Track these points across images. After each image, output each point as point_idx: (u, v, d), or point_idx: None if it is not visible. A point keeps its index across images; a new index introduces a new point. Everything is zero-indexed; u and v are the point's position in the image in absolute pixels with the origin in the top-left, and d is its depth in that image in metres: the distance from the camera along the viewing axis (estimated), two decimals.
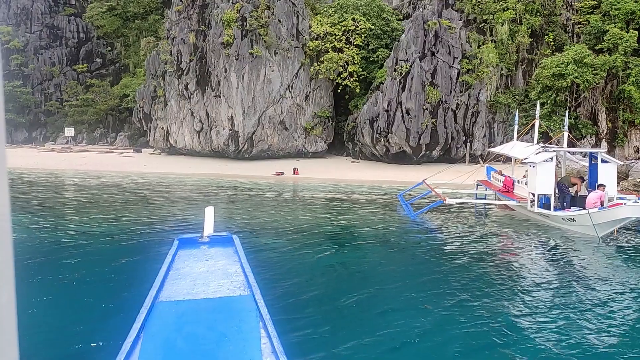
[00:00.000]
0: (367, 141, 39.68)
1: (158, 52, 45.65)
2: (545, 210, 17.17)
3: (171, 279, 5.97)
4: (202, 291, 5.58)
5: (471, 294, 10.74)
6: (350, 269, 12.85)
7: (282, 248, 14.21)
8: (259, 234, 15.68)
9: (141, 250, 13.81)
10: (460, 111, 40.19)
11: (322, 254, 13.99)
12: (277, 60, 41.96)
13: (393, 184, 32.04)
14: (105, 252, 13.65)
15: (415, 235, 16.38)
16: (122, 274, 11.62)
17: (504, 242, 16.27)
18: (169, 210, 21.29)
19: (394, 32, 43.85)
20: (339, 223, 17.96)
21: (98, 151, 50.59)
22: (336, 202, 23.51)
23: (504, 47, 41.91)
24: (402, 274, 12.36)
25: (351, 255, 13.96)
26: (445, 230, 17.35)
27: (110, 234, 15.82)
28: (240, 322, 4.93)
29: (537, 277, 12.23)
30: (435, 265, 12.91)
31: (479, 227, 18.41)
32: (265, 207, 22.02)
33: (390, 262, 13.56)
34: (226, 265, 6.45)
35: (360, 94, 43.01)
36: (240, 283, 5.83)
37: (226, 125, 41.49)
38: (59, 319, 8.90)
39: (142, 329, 4.76)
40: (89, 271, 11.82)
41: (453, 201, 18.78)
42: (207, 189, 29.33)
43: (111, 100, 58.78)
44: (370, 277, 12.10)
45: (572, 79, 37.22)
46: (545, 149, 17.70)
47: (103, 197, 25.08)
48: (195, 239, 7.47)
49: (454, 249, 14.65)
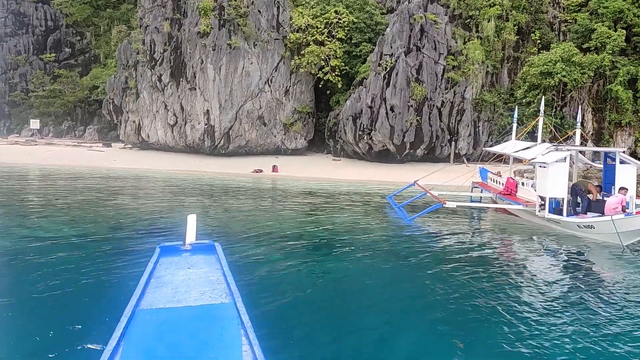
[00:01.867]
0: (350, 138, 38.16)
1: (130, 41, 43.31)
2: (556, 216, 15.73)
3: (152, 287, 5.93)
4: (183, 299, 5.57)
5: (483, 314, 9.30)
6: (340, 280, 11.28)
7: (264, 257, 12.48)
8: (237, 241, 13.89)
9: (103, 261, 11.98)
10: (445, 109, 38.96)
11: (309, 263, 12.35)
12: (256, 52, 40.09)
13: (378, 183, 30.59)
14: (68, 262, 11.78)
15: (413, 242, 14.76)
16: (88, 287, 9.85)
17: (513, 252, 14.70)
18: (139, 211, 19.36)
19: (377, 26, 42.40)
20: (325, 227, 16.25)
21: (65, 145, 47.95)
22: (320, 203, 21.85)
23: (490, 44, 40.83)
24: (402, 289, 10.81)
25: (341, 265, 12.32)
26: (444, 237, 15.75)
27: (71, 239, 13.91)
28: (221, 330, 4.91)
29: (561, 293, 10.81)
30: (440, 280, 11.40)
31: (481, 233, 16.88)
32: (244, 209, 20.25)
33: (387, 273, 11.98)
34: (208, 273, 6.41)
35: (342, 89, 41.46)
36: (222, 291, 5.83)
37: (202, 120, 39.48)
38: (29, 328, 8.06)
39: (122, 337, 4.71)
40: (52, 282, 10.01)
41: (453, 204, 17.23)
42: (181, 187, 27.40)
43: (80, 92, 56.01)
44: (364, 291, 10.56)
45: (560, 78, 36.32)
46: (557, 148, 16.38)
47: (64, 195, 22.95)
48: (177, 246, 7.38)
49: (459, 259, 13.11)
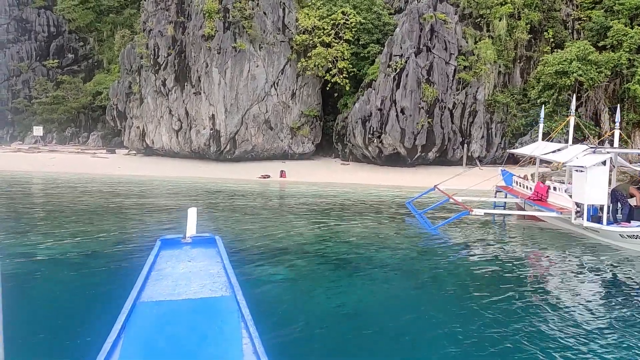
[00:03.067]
0: (359, 142, 37.11)
1: (133, 45, 42.47)
2: (595, 224, 14.57)
3: (153, 280, 5.86)
4: (183, 292, 5.53)
5: (522, 348, 8.21)
6: (359, 306, 9.84)
7: (272, 276, 11.21)
8: (245, 257, 12.77)
9: (107, 278, 10.99)
10: (457, 110, 37.88)
11: (323, 285, 10.91)
12: (262, 55, 39.17)
13: (391, 188, 29.51)
14: (65, 280, 10.80)
15: (438, 255, 13.44)
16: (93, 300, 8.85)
17: (548, 268, 13.33)
18: (142, 220, 18.37)
19: (385, 27, 41.42)
20: (341, 240, 14.98)
21: (68, 151, 47.14)
22: (333, 211, 20.75)
23: (502, 44, 39.76)
24: (423, 313, 9.69)
25: (360, 287, 10.95)
26: (472, 249, 14.44)
27: (71, 254, 12.92)
28: (221, 323, 4.93)
29: (608, 321, 9.68)
30: (472, 304, 10.26)
31: (511, 244, 15.40)
32: (251, 218, 19.18)
33: (411, 295, 10.80)
34: (208, 266, 6.33)
35: (350, 92, 40.49)
36: (222, 284, 5.80)
37: (207, 124, 38.54)
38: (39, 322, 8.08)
39: (122, 330, 4.73)
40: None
41: (481, 212, 16.11)
42: (186, 194, 26.42)
43: (83, 98, 55.25)
44: (386, 323, 9.29)
45: (576, 77, 35.17)
46: (594, 150, 15.25)
47: (68, 204, 22.00)
48: (178, 239, 7.18)
49: (490, 276, 11.85)
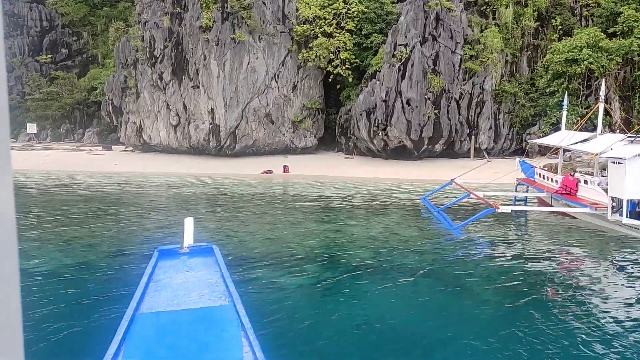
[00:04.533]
0: (364, 135, 35.97)
1: (128, 38, 41.14)
2: (636, 221, 13.45)
3: (151, 291, 5.95)
4: (183, 302, 5.57)
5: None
6: (376, 321, 8.71)
7: (280, 286, 10.06)
8: (250, 264, 11.60)
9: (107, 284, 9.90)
10: (463, 101, 36.76)
11: (336, 295, 9.73)
12: (262, 46, 37.92)
13: (398, 182, 28.42)
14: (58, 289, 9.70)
15: (462, 258, 12.21)
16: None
17: (585, 270, 11.97)
18: (141, 223, 17.25)
19: (388, 16, 40.20)
20: (357, 241, 13.78)
21: (63, 149, 45.83)
22: (344, 208, 19.61)
23: (509, 32, 38.61)
24: (456, 326, 8.61)
25: (377, 298, 9.77)
26: (499, 250, 13.19)
27: (63, 269, 11.82)
28: (221, 332, 4.90)
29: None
30: (503, 313, 9.23)
31: (540, 244, 14.13)
32: (256, 218, 18.03)
33: (444, 307, 9.68)
34: (206, 275, 6.39)
35: (353, 83, 39.31)
36: (221, 293, 5.81)
37: (206, 119, 37.33)
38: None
39: (123, 341, 4.71)
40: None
41: (507, 209, 14.93)
42: (185, 193, 25.29)
43: (78, 94, 53.86)
44: (407, 338, 8.30)
45: (587, 65, 34.07)
46: (632, 141, 14.11)
47: (61, 205, 20.85)
48: (175, 249, 7.27)
49: (521, 281, 10.75)
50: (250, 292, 9.24)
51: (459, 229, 15.01)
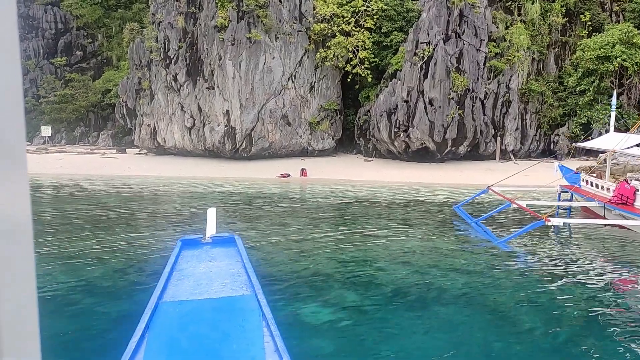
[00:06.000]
0: (384, 137, 34.62)
1: (142, 39, 40.30)
2: None
3: (174, 280, 5.94)
4: (205, 291, 5.56)
5: None
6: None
7: (311, 315, 8.85)
8: (273, 282, 10.30)
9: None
10: (488, 101, 35.26)
11: (376, 327, 8.51)
12: (278, 46, 36.79)
13: (424, 187, 27.04)
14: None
15: (519, 281, 10.56)
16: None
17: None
18: (154, 231, 16.15)
19: (409, 13, 38.82)
20: (389, 258, 12.22)
21: (77, 152, 45.17)
22: (370, 218, 18.21)
23: (535, 28, 37.03)
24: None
25: (429, 331, 8.36)
26: (555, 270, 11.54)
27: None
28: (243, 322, 4.88)
29: None
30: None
31: (600, 261, 12.64)
32: (276, 229, 16.77)
33: (495, 344, 8.37)
34: (229, 265, 6.37)
35: (372, 83, 38.00)
36: (243, 283, 5.80)
37: (221, 121, 36.28)
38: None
39: (146, 329, 4.76)
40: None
41: (559, 222, 13.41)
42: (201, 198, 24.20)
43: (92, 96, 53.28)
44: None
45: (620, 62, 32.39)
46: None
47: (72, 212, 19.86)
48: (198, 240, 7.28)
49: (589, 310, 9.44)
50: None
51: (504, 243, 13.53)
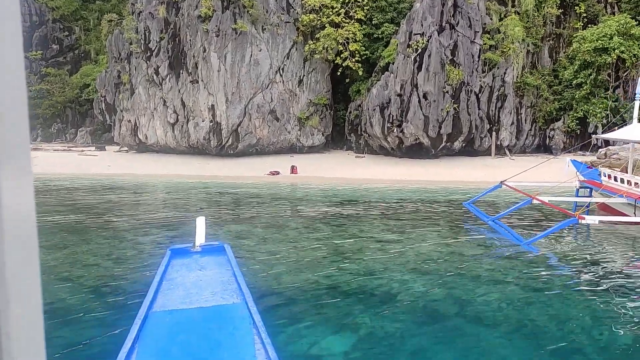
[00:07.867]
0: (377, 132, 33.31)
1: (121, 30, 38.43)
2: None
3: (164, 289, 5.81)
4: (195, 300, 5.50)
5: None
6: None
7: (321, 345, 7.47)
8: (270, 300, 8.89)
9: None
10: (483, 95, 34.17)
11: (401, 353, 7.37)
12: (266, 37, 35.22)
13: (421, 184, 25.82)
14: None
15: (561, 293, 9.14)
16: None
17: None
18: (135, 244, 14.62)
19: (400, 4, 37.55)
20: (403, 267, 10.79)
21: (53, 149, 43.12)
22: (374, 219, 16.86)
23: (530, 20, 36.01)
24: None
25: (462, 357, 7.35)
26: (590, 276, 10.42)
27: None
28: (234, 330, 4.84)
29: None
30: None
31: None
32: (273, 233, 15.39)
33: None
34: (219, 274, 6.29)
35: (363, 77, 36.66)
36: (233, 291, 5.73)
37: (206, 116, 34.63)
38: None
39: (136, 339, 4.67)
40: None
41: (594, 219, 12.15)
42: (185, 199, 22.66)
43: (70, 92, 51.12)
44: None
45: (618, 54, 31.50)
46: None
47: (41, 215, 18.21)
48: (187, 248, 7.15)
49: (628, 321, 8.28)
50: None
51: (530, 245, 12.22)
